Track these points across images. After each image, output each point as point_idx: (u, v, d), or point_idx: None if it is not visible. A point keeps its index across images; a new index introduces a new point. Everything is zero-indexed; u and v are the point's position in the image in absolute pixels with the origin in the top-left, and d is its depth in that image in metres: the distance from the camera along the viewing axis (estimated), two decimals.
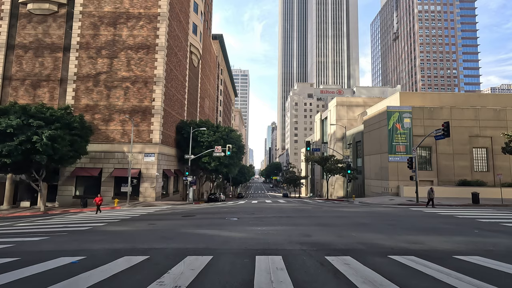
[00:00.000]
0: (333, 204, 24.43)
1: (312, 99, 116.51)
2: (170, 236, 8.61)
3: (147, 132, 28.34)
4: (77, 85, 28.60)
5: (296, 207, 19.59)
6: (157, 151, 28.12)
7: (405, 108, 31.83)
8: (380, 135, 33.37)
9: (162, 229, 10.28)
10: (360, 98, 55.43)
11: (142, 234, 9.26)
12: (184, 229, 10.09)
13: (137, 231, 9.95)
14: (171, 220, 13.51)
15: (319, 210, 17.19)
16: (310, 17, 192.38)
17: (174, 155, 33.53)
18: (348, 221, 12.14)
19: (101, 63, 28.92)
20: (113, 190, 27.78)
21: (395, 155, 31.19)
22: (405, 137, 31.44)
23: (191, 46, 40.39)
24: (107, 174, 27.68)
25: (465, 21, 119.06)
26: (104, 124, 28.35)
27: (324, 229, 9.87)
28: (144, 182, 27.76)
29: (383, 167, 32.31)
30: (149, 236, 8.86)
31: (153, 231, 9.84)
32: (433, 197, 18.38)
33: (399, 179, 30.93)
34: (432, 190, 18.44)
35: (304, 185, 75.37)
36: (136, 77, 28.88)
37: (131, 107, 28.53)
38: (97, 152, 27.85)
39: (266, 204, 24.23)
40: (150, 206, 24.00)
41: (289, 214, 14.86)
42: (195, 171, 36.67)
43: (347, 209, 17.91)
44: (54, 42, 29.13)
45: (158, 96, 28.67)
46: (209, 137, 32.63)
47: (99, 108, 28.45)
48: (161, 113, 28.75)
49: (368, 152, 36.93)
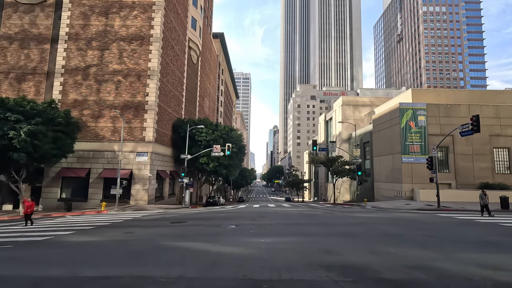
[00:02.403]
0: (343, 208, 21.96)
1: (315, 101, 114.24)
2: (140, 252, 6.28)
3: (140, 129, 26.11)
4: (65, 79, 26.49)
5: (304, 212, 17.19)
6: (150, 150, 25.85)
7: (419, 105, 29.45)
8: (391, 135, 30.95)
9: (137, 241, 7.95)
10: (367, 97, 53.13)
11: (105, 249, 6.93)
12: (165, 241, 7.75)
13: (103, 244, 7.62)
14: (155, 227, 11.17)
15: (330, 215, 14.79)
16: (313, 18, 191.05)
17: (170, 155, 31.25)
18: (372, 230, 9.75)
19: (91, 55, 26.84)
20: (102, 193, 25.46)
21: (408, 155, 28.73)
22: (419, 136, 29.00)
23: (189, 41, 38.36)
24: (95, 175, 25.40)
25: (471, 23, 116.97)
26: (94, 121, 26.15)
27: (347, 241, 7.51)
28: (136, 184, 25.45)
29: (396, 168, 29.83)
30: (112, 252, 6.52)
31: (123, 244, 7.50)
32: (488, 202, 15.05)
33: (413, 181, 28.43)
34: (485, 193, 15.15)
35: (307, 189, 72.73)
36: (129, 70, 26.75)
37: (123, 102, 26.35)
38: (85, 151, 25.61)
39: (269, 208, 21.80)
40: (141, 210, 21.68)
41: (297, 221, 12.48)
42: (193, 173, 34.35)
43: (362, 214, 15.50)
44: (42, 33, 27.12)
45: (152, 90, 26.50)
46: (208, 136, 30.33)
47: (88, 103, 26.29)
48: (155, 109, 26.55)
49: (378, 153, 34.48)
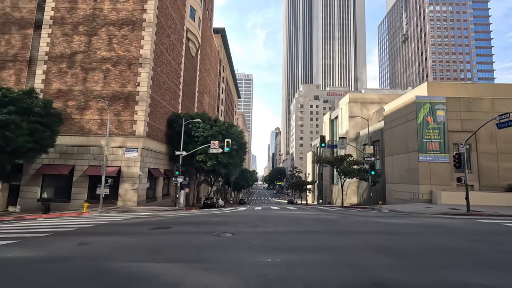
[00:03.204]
0: (358, 212, 19.24)
1: (318, 101, 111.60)
2: None
3: (130, 122, 23.61)
4: (49, 67, 24.10)
5: (315, 216, 14.53)
6: (141, 145, 23.32)
7: (438, 98, 26.79)
8: (406, 131, 28.27)
9: (81, 259, 5.36)
10: (375, 94, 50.52)
11: (21, 274, 4.34)
12: (122, 261, 5.15)
13: (23, 263, 5.02)
14: (127, 235, 8.60)
15: (349, 220, 12.14)
16: (316, 18, 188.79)
17: (165, 152, 28.71)
18: (417, 242, 7.11)
19: (77, 41, 24.45)
20: (87, 192, 22.92)
21: (426, 154, 26.03)
22: (438, 133, 26.32)
23: (188, 32, 35.97)
24: (80, 172, 22.89)
25: (478, 22, 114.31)
26: (79, 113, 23.70)
27: (396, 262, 4.87)
28: (124, 183, 22.90)
29: (412, 168, 27.12)
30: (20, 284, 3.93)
31: (48, 269, 4.90)
32: None
33: (431, 182, 25.71)
34: None
35: (311, 191, 69.91)
36: (119, 57, 24.32)
37: (112, 92, 23.89)
38: (68, 146, 23.14)
39: (273, 211, 19.12)
40: (127, 212, 19.11)
41: (311, 227, 9.87)
42: (189, 172, 31.78)
43: (386, 219, 12.82)
44: (24, 17, 24.78)
45: (144, 80, 24.03)
46: (205, 131, 27.76)
47: (73, 93, 23.85)
48: (147, 101, 24.06)
49: (390, 152, 31.78)
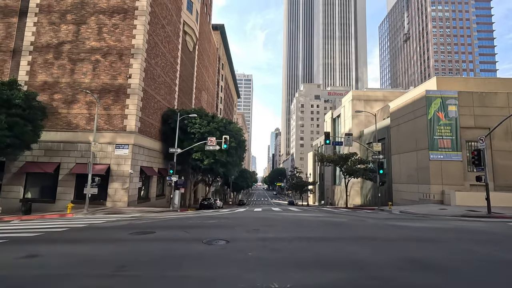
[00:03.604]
0: (367, 214, 17.54)
1: (319, 100, 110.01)
2: None
3: (120, 117, 21.99)
4: (34, 58, 22.50)
5: (323, 218, 12.88)
6: (132, 141, 21.70)
7: (450, 93, 25.20)
8: (415, 128, 26.67)
9: (7, 279, 3.72)
10: (379, 91, 48.95)
11: None
12: (59, 286, 3.51)
13: None
14: (98, 243, 6.98)
15: (363, 224, 10.52)
16: (317, 17, 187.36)
17: (159, 150, 27.08)
18: (463, 253, 5.49)
19: (65, 31, 22.86)
20: (73, 192, 21.26)
21: (437, 152, 24.42)
22: (449, 130, 24.72)
23: (184, 25, 34.42)
24: (66, 170, 21.24)
25: (480, 22, 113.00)
26: (66, 107, 22.08)
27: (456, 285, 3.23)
28: (114, 182, 21.25)
29: (421, 167, 25.50)
30: None
31: None
32: None
33: (443, 182, 24.09)
34: None
35: (312, 192, 68.23)
36: (109, 48, 22.73)
37: (101, 85, 22.28)
38: (54, 142, 21.51)
39: (275, 213, 17.45)
40: (115, 213, 17.47)
41: (323, 233, 8.24)
42: (185, 171, 30.13)
43: (403, 222, 11.20)
44: (8, 4, 23.20)
45: (136, 72, 22.43)
46: (202, 128, 26.13)
47: (60, 86, 22.24)
48: (139, 94, 22.46)
49: (397, 150, 30.17)
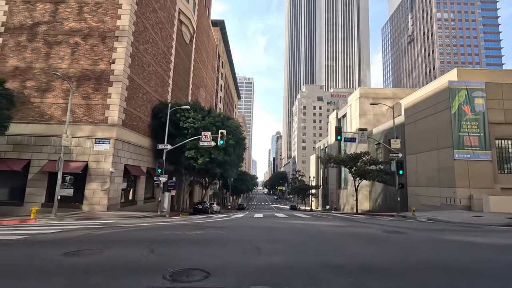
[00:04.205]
0: (393, 222, 14.32)
1: (321, 102, 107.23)
2: None
3: (101, 107, 19.16)
4: (5, 40, 19.77)
5: (345, 229, 9.90)
6: (114, 135, 18.84)
7: (476, 84, 22.34)
8: (436, 124, 23.76)
9: None
10: (388, 89, 46.14)
11: None
12: None
13: None
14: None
15: (409, 239, 7.56)
16: (319, 19, 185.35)
17: (149, 147, 24.22)
18: None
19: (41, 10, 20.16)
20: (45, 193, 18.37)
21: (464, 150, 21.45)
22: (476, 126, 21.80)
23: (180, 14, 31.80)
24: (37, 168, 18.36)
25: (487, 23, 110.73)
26: (39, 96, 19.29)
27: None
28: (92, 182, 18.35)
29: (444, 168, 22.52)
30: None
31: None
32: None
33: (470, 185, 21.08)
34: None
35: (315, 196, 65.07)
36: (91, 29, 20.00)
37: (81, 71, 19.51)
38: (24, 136, 18.67)
39: (280, 220, 14.37)
40: (88, 219, 14.55)
41: (364, 258, 5.25)
42: (179, 172, 27.22)
43: (460, 236, 8.23)
44: None
45: (120, 56, 19.67)
46: (196, 122, 23.26)
47: (33, 72, 19.47)
48: (123, 82, 19.66)
49: (414, 149, 27.23)
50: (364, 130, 20.36)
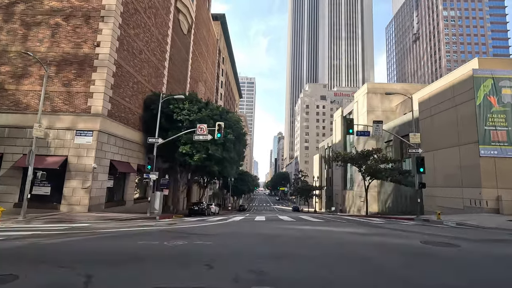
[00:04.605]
0: (423, 228, 11.92)
1: (325, 101, 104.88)
2: None
3: (84, 96, 17.06)
4: None
5: (370, 238, 7.70)
6: (97, 127, 16.72)
7: (503, 72, 20.07)
8: (457, 118, 21.49)
9: None
10: (397, 84, 43.88)
11: None
12: None
13: None
14: None
15: (468, 257, 5.37)
16: (322, 18, 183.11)
17: (140, 142, 22.10)
18: None
19: None
20: (19, 192, 16.26)
21: (490, 146, 19.17)
22: (504, 119, 19.51)
23: (177, 1, 29.74)
24: (9, 163, 16.28)
25: (494, 21, 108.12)
26: (15, 82, 17.24)
27: None
28: (72, 180, 16.23)
29: (467, 166, 20.22)
30: None
31: None
32: None
33: (498, 185, 18.77)
34: None
35: (319, 197, 62.75)
36: (73, 9, 17.94)
37: (61, 55, 17.44)
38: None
39: (285, 225, 12.06)
40: (61, 222, 12.43)
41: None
42: (173, 169, 25.07)
43: None
44: None
45: (106, 39, 17.57)
46: (192, 114, 21.10)
47: (8, 56, 17.43)
48: (109, 67, 17.55)
49: (430, 146, 24.93)
50: (379, 123, 18.13)
